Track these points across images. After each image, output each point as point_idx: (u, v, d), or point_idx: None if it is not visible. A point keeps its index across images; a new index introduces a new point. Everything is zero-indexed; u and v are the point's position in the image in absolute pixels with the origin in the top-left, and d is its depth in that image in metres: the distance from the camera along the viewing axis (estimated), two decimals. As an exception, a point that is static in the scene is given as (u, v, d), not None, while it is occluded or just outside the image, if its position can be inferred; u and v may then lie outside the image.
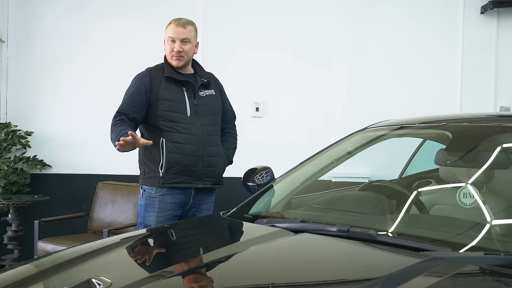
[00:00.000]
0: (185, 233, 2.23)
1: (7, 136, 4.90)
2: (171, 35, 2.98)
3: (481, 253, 1.64)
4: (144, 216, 2.97)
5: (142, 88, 2.95)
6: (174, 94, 2.96)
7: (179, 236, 2.18)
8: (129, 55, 4.98)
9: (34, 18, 5.10)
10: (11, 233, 4.64)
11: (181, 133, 2.92)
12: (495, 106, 4.95)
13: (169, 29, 3.01)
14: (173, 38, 2.98)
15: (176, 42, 2.97)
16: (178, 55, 2.98)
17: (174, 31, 2.98)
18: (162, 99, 2.93)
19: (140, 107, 2.94)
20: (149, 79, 2.97)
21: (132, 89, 2.97)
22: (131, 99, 2.94)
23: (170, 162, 2.90)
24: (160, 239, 2.15)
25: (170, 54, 3.00)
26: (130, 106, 2.93)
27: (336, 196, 2.72)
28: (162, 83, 2.96)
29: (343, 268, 1.71)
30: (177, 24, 2.99)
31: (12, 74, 5.08)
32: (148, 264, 1.80)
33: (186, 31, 2.99)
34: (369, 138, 2.61)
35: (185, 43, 2.98)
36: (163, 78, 2.97)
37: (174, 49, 2.97)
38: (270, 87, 5.05)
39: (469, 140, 2.35)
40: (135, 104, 2.93)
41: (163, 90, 2.95)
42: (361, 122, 3.19)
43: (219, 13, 5.06)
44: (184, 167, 2.92)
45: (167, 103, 2.94)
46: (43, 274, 1.68)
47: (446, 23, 5.01)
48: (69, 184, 5.04)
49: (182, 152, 2.91)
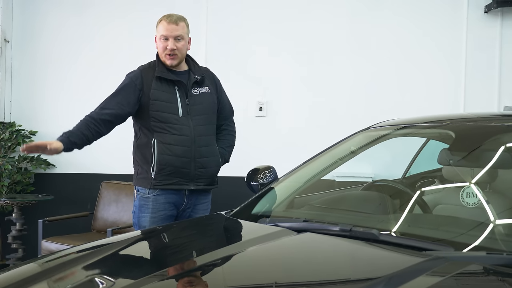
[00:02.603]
0: (188, 233, 2.24)
1: (11, 136, 4.92)
2: (163, 33, 2.89)
3: (484, 252, 1.65)
4: (138, 217, 2.92)
5: (131, 87, 2.87)
6: (165, 94, 2.88)
7: (183, 236, 2.19)
8: (134, 55, 4.96)
9: (39, 18, 5.11)
10: (15, 232, 4.65)
11: (172, 134, 2.85)
12: (499, 105, 4.94)
13: (160, 27, 2.92)
14: (166, 36, 2.89)
15: (169, 40, 2.88)
16: (172, 54, 2.90)
17: (167, 28, 2.89)
18: (153, 99, 2.86)
19: (125, 104, 2.86)
20: (141, 79, 2.89)
21: (121, 86, 2.91)
22: (118, 94, 2.88)
23: (161, 164, 2.85)
24: (163, 239, 2.15)
25: (163, 53, 2.90)
26: (115, 102, 2.86)
27: (339, 195, 2.72)
28: (153, 83, 2.88)
29: (346, 267, 1.71)
30: (169, 21, 2.90)
31: (17, 74, 5.10)
32: (150, 263, 1.80)
33: (179, 28, 2.90)
34: (372, 138, 2.61)
35: (178, 40, 2.90)
36: (154, 78, 2.90)
37: (168, 47, 2.88)
38: (273, 87, 5.05)
39: (473, 139, 2.34)
40: (119, 100, 2.86)
41: (154, 90, 2.87)
42: (364, 121, 3.19)
43: (223, 12, 5.06)
44: (176, 168, 2.86)
45: (158, 104, 2.86)
46: (46, 273, 1.68)
47: (450, 23, 5.01)
48: (73, 184, 5.05)
49: (173, 154, 2.85)
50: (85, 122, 2.82)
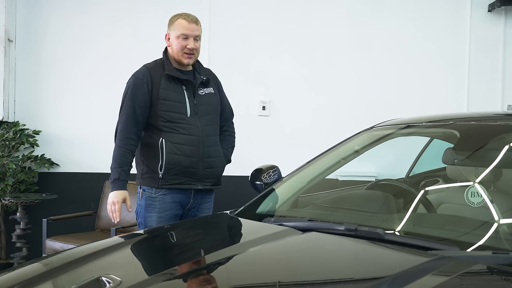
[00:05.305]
0: (193, 232, 2.24)
1: (15, 135, 4.93)
2: (184, 32, 2.87)
3: (489, 252, 1.64)
4: (145, 217, 2.91)
5: (145, 88, 2.85)
6: (174, 94, 2.88)
7: (189, 235, 2.19)
8: (137, 55, 4.97)
9: (42, 18, 5.12)
10: (19, 231, 4.67)
11: (181, 133, 2.85)
12: (502, 104, 4.93)
13: (179, 25, 2.88)
14: (187, 35, 2.87)
15: (189, 39, 2.87)
16: (191, 53, 2.90)
17: (188, 28, 2.87)
18: (162, 99, 2.85)
19: (145, 109, 2.85)
20: (150, 79, 2.87)
21: (135, 92, 2.86)
22: (135, 102, 2.84)
23: (170, 163, 2.84)
24: (169, 238, 2.16)
25: (181, 51, 2.88)
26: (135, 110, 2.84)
27: (344, 195, 2.72)
28: (163, 82, 2.87)
29: (351, 267, 1.71)
30: (190, 21, 2.88)
31: (20, 74, 5.11)
32: (157, 261, 1.81)
33: (199, 28, 2.92)
34: (376, 137, 2.60)
35: (196, 40, 2.91)
36: (163, 76, 2.88)
37: (188, 46, 2.87)
38: (276, 86, 5.06)
39: (477, 139, 2.34)
40: (140, 107, 2.84)
41: (164, 90, 2.86)
42: (368, 121, 3.19)
43: (225, 12, 5.06)
44: (184, 168, 2.86)
45: (167, 103, 2.86)
46: (52, 273, 1.68)
47: (453, 22, 5.00)
48: (77, 183, 5.07)
49: (182, 153, 2.85)
50: (126, 152, 2.86)
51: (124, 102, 2.90)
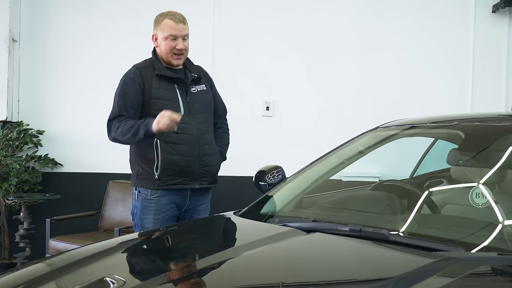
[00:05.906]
0: (198, 232, 2.24)
1: (19, 135, 4.94)
2: (172, 33, 2.84)
3: (494, 253, 1.64)
4: (141, 219, 2.88)
5: (137, 87, 2.84)
6: (166, 92, 2.85)
7: (193, 235, 2.19)
8: (141, 54, 4.95)
9: (46, 18, 5.13)
10: (23, 231, 4.68)
11: (176, 133, 2.78)
12: (506, 105, 4.92)
13: (166, 26, 2.85)
14: (175, 36, 2.85)
15: (178, 40, 2.85)
16: (180, 53, 2.88)
17: (175, 28, 2.85)
18: (155, 98, 2.82)
19: (136, 108, 2.84)
20: (141, 78, 2.85)
21: (126, 89, 2.85)
22: (126, 99, 2.83)
23: (166, 164, 2.81)
24: (172, 238, 2.16)
25: (170, 52, 2.86)
26: (126, 107, 2.82)
27: (348, 195, 2.72)
28: (154, 81, 2.84)
29: (356, 268, 1.70)
30: (177, 21, 2.85)
31: (24, 73, 5.12)
32: (161, 262, 1.81)
33: (186, 27, 2.89)
34: (380, 138, 2.60)
35: (185, 39, 2.88)
36: (154, 76, 2.85)
37: (177, 47, 2.85)
38: (280, 87, 5.05)
39: (481, 139, 2.34)
40: (132, 106, 2.83)
41: (155, 89, 2.83)
42: (372, 121, 3.19)
43: (230, 13, 5.06)
44: (180, 168, 2.83)
45: (160, 102, 2.81)
46: (55, 273, 1.69)
47: (458, 22, 4.99)
48: (80, 183, 5.07)
49: (178, 153, 2.82)
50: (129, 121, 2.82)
51: (115, 100, 2.89)
